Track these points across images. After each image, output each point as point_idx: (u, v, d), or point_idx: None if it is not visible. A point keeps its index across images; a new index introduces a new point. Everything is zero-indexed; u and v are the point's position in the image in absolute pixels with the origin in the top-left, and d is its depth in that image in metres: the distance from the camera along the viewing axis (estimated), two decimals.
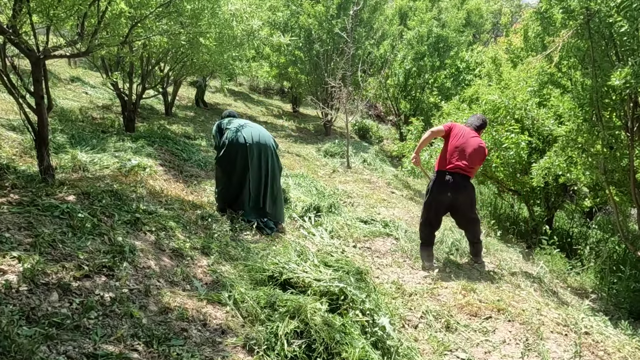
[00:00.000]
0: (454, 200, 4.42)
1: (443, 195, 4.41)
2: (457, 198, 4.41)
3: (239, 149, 4.46)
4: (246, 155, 4.46)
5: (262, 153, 4.54)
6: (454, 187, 4.36)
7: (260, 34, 6.24)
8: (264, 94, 18.05)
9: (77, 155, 4.69)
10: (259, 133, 4.61)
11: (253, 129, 4.64)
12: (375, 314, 2.96)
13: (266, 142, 4.59)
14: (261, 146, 4.54)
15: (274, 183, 4.66)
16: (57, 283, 2.34)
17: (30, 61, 3.51)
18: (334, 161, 9.28)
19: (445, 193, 4.40)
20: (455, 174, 4.36)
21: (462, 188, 4.39)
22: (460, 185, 4.37)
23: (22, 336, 1.91)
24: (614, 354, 3.23)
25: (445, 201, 4.44)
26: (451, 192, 4.38)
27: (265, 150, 4.57)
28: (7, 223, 2.74)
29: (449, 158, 4.40)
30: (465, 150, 4.37)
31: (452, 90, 11.42)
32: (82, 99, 8.78)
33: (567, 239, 6.94)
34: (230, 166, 4.51)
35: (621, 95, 4.31)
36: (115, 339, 2.15)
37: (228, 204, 4.57)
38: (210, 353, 2.30)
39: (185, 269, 3.08)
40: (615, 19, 3.92)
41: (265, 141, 4.59)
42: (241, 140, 4.48)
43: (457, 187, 4.36)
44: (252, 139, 4.51)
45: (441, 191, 4.42)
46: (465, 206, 4.49)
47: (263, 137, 4.59)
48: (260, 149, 4.53)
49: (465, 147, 4.38)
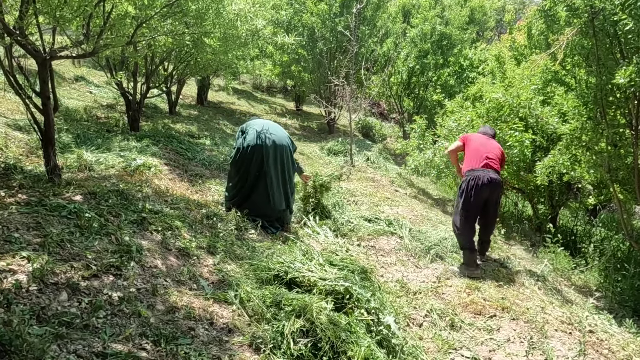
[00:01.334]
0: (490, 195, 4.43)
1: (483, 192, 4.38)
2: (493, 193, 4.43)
3: (255, 150, 4.48)
4: (262, 156, 4.48)
5: (278, 154, 4.56)
6: (490, 182, 4.36)
7: (264, 33, 6.25)
8: (267, 93, 18.06)
9: (82, 155, 4.72)
10: (278, 134, 4.63)
11: (272, 129, 4.65)
12: (380, 313, 2.98)
13: (283, 144, 4.60)
14: (277, 147, 4.55)
15: (289, 184, 4.69)
16: (66, 283, 2.37)
17: (37, 62, 3.53)
18: (337, 159, 9.29)
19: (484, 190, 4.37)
20: (489, 169, 4.42)
21: (497, 183, 4.41)
22: (496, 181, 4.39)
23: (33, 335, 1.94)
24: (618, 352, 3.24)
25: (483, 198, 4.41)
26: (489, 188, 4.37)
27: (282, 151, 4.58)
28: (16, 223, 2.77)
29: (477, 157, 4.49)
30: (491, 150, 4.55)
31: (456, 88, 11.40)
32: (86, 98, 8.82)
33: (571, 237, 6.93)
34: (245, 166, 4.53)
35: (626, 93, 4.30)
36: (124, 338, 2.17)
37: (238, 203, 4.57)
38: (218, 352, 2.32)
39: (191, 268, 3.11)
40: (620, 17, 3.91)
41: (282, 142, 4.60)
42: (259, 142, 4.50)
43: (493, 182, 4.37)
44: (270, 140, 4.53)
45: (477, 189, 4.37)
46: (497, 201, 4.56)
47: (280, 139, 4.60)
48: (277, 150, 4.55)
49: (489, 147, 4.57)
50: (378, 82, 11.53)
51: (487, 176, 4.36)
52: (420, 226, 5.65)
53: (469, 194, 4.41)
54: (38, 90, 3.61)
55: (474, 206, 4.43)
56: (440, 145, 7.44)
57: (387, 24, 12.63)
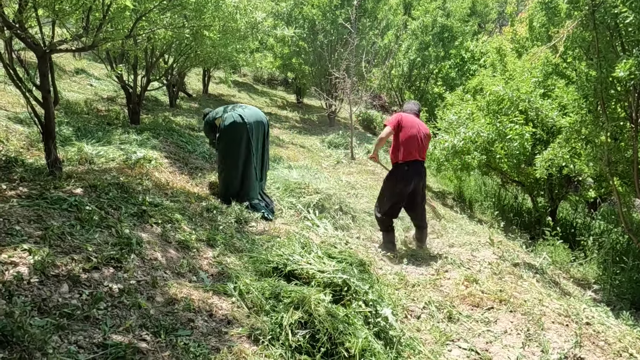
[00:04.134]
0: (416, 187, 4.65)
1: (408, 185, 4.60)
2: (419, 184, 4.67)
3: (239, 128, 4.64)
4: (248, 135, 4.66)
5: (260, 131, 4.79)
6: (417, 174, 4.62)
7: (264, 26, 6.23)
8: (268, 85, 18.02)
9: (83, 148, 4.74)
10: (255, 112, 4.85)
11: (248, 108, 4.88)
12: (378, 305, 3.01)
13: (261, 120, 4.84)
14: (259, 124, 4.77)
15: (267, 158, 5.01)
16: (66, 275, 2.40)
17: (37, 55, 3.54)
18: (338, 152, 9.29)
19: (410, 183, 4.59)
20: (416, 162, 4.59)
21: (422, 174, 4.69)
22: (422, 172, 4.67)
23: (35, 326, 1.97)
24: (614, 344, 3.26)
25: (409, 190, 4.62)
26: (415, 180, 4.61)
27: (262, 128, 4.83)
28: (17, 216, 2.79)
29: (413, 146, 4.57)
30: (423, 137, 4.62)
31: (457, 81, 11.36)
32: (87, 91, 8.82)
33: (570, 230, 6.95)
34: (236, 148, 4.64)
35: (626, 86, 4.30)
36: (124, 329, 2.20)
37: (235, 193, 4.64)
38: (217, 343, 2.35)
39: (191, 261, 3.13)
40: (621, 10, 3.90)
41: (261, 119, 4.84)
42: (240, 121, 4.65)
43: (419, 174, 4.64)
44: (250, 117, 4.71)
45: (406, 182, 4.59)
46: (423, 190, 4.76)
47: (259, 115, 4.84)
48: (258, 127, 4.76)
49: (421, 133, 4.64)
50: (379, 75, 11.49)
51: (420, 167, 4.63)
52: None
53: (402, 184, 4.60)
54: (38, 84, 3.63)
55: (404, 196, 4.65)
56: (441, 139, 7.44)
57: (388, 16, 12.56)
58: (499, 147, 6.44)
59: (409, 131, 4.59)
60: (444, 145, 6.98)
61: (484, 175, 8.09)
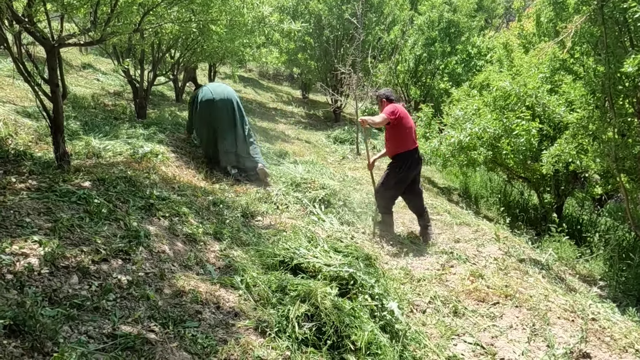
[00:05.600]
0: (418, 172, 4.93)
1: (415, 171, 4.84)
2: (419, 170, 4.94)
3: (206, 105, 5.38)
4: (214, 109, 5.37)
5: (227, 105, 5.45)
6: (420, 160, 4.90)
7: (270, 20, 6.23)
8: (274, 80, 18.03)
9: (90, 142, 4.77)
10: (223, 90, 5.52)
11: (217, 86, 5.59)
12: (384, 299, 3.02)
13: (229, 97, 5.48)
14: (226, 101, 5.44)
15: (241, 127, 5.53)
16: (76, 266, 2.43)
17: (45, 49, 3.56)
18: (343, 148, 9.30)
19: (415, 169, 4.83)
20: (416, 149, 4.86)
21: (421, 161, 4.96)
22: (420, 159, 4.95)
23: (46, 316, 2.00)
24: (620, 339, 3.26)
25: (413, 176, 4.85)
26: (419, 166, 4.88)
27: (230, 103, 5.47)
28: (27, 208, 2.82)
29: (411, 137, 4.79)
30: (413, 126, 4.89)
31: (463, 76, 11.30)
32: (94, 85, 8.86)
33: (576, 226, 6.92)
34: (203, 122, 5.46)
35: (634, 82, 4.26)
36: (133, 320, 2.23)
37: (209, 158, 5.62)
38: (224, 335, 2.38)
39: (198, 254, 3.16)
40: (630, 5, 3.87)
41: (228, 96, 5.49)
42: (208, 97, 5.39)
43: (420, 160, 4.93)
44: (217, 94, 5.41)
45: (413, 169, 4.81)
46: (419, 172, 5.00)
47: (226, 93, 5.49)
48: (225, 103, 5.43)
49: (411, 122, 4.87)
50: (385, 70, 11.46)
51: (419, 156, 4.86)
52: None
53: (405, 174, 4.78)
54: (47, 78, 3.65)
55: (405, 184, 4.86)
56: (447, 134, 7.41)
57: (394, 11, 12.51)
58: (505, 143, 6.41)
59: (408, 121, 4.81)
60: (450, 141, 6.95)
61: (489, 171, 8.05)
